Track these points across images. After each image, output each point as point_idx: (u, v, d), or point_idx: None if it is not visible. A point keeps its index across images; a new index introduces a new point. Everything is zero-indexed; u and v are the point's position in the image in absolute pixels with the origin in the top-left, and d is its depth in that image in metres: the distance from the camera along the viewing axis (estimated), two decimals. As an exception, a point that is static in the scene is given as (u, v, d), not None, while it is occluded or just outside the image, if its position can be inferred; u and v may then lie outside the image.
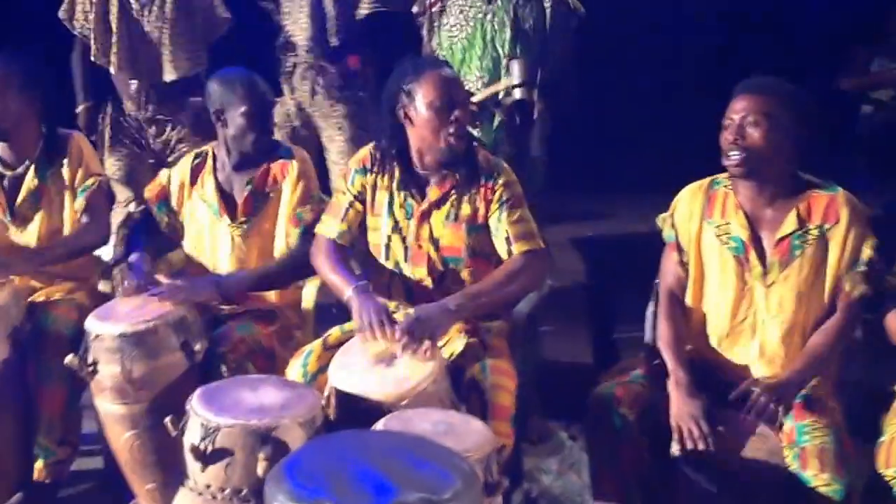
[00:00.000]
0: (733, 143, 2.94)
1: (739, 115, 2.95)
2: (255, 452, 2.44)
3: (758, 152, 2.93)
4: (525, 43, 4.07)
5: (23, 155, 3.61)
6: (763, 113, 2.93)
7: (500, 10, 4.08)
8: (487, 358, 3.01)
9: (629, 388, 2.99)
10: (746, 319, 3.05)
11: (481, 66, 4.10)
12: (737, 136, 2.93)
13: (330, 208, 3.30)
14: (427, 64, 3.22)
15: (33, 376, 3.36)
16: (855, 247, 2.98)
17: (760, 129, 2.92)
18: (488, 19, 4.10)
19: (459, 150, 3.12)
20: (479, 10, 4.11)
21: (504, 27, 4.08)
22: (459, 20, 4.13)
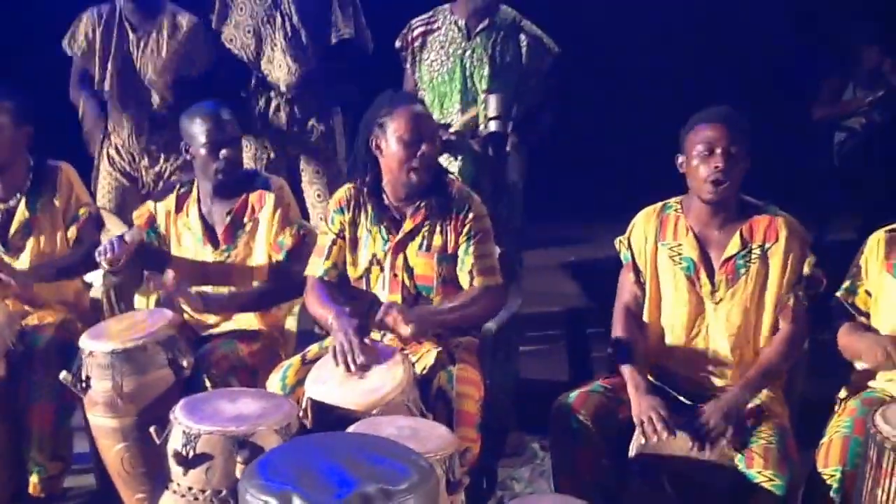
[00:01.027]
0: (714, 172, 3.08)
1: (721, 144, 3.09)
2: (234, 457, 2.62)
3: (737, 179, 3.11)
4: (502, 78, 4.21)
5: (13, 187, 3.76)
6: (738, 141, 3.10)
7: (478, 47, 4.22)
8: (455, 369, 3.17)
9: (588, 397, 3.16)
10: (700, 334, 3.22)
11: (461, 101, 4.23)
12: (718, 165, 3.07)
13: (316, 249, 3.46)
14: (401, 99, 3.37)
15: (24, 395, 3.50)
16: (795, 264, 3.15)
17: (735, 155, 3.09)
18: (467, 55, 4.23)
19: (423, 183, 3.29)
20: (459, 47, 4.24)
21: (483, 63, 4.22)
22: (440, 55, 4.27)
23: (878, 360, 3.00)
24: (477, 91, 4.22)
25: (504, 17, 4.28)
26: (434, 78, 4.27)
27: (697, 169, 3.11)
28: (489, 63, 4.21)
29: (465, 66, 4.23)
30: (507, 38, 4.26)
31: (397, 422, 2.76)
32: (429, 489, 2.25)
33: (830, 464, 2.96)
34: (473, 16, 4.23)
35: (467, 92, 4.23)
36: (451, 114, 4.24)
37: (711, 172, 3.08)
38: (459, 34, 4.25)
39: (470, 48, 4.24)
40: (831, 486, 2.93)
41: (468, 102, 4.23)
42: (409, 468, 2.25)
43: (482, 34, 4.22)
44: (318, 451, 2.38)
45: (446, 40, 4.27)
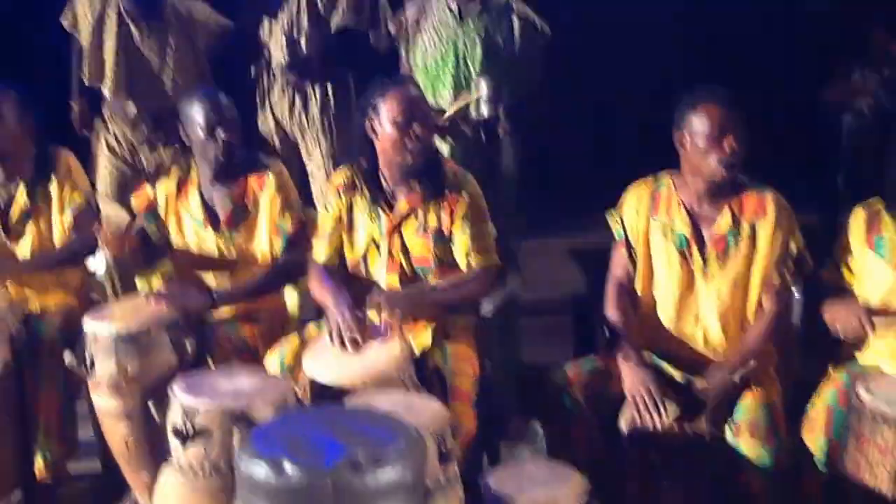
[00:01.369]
0: (726, 155, 3.14)
1: (732, 127, 3.15)
2: (231, 431, 2.72)
3: (743, 158, 3.18)
4: (494, 61, 4.26)
5: (14, 174, 3.85)
6: (740, 123, 3.16)
7: (471, 31, 4.28)
8: (450, 347, 3.27)
9: (580, 373, 3.24)
10: (691, 309, 3.29)
11: (453, 83, 4.29)
12: (730, 147, 3.13)
13: (317, 233, 3.55)
14: (393, 82, 3.45)
15: (30, 380, 3.59)
16: (782, 242, 3.22)
17: (741, 140, 3.15)
18: (460, 39, 4.29)
19: (417, 164, 3.36)
20: (452, 30, 4.30)
21: (475, 46, 4.27)
22: (433, 39, 4.33)
23: (854, 327, 3.09)
24: (470, 74, 4.28)
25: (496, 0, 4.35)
26: (427, 62, 4.34)
27: (707, 152, 3.15)
28: (482, 46, 4.27)
29: (457, 49, 4.29)
30: (500, 20, 4.32)
31: (391, 396, 2.84)
32: (417, 456, 2.32)
33: (815, 433, 3.05)
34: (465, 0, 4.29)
35: (460, 75, 4.29)
36: (444, 97, 4.30)
37: (726, 156, 3.14)
38: (452, 18, 4.31)
39: (462, 31, 4.30)
40: (817, 455, 3.04)
41: (460, 86, 4.28)
42: (397, 436, 2.32)
43: (474, 17, 4.28)
44: (309, 422, 2.46)
45: (439, 24, 4.33)
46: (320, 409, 2.75)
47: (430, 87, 4.29)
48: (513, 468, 2.73)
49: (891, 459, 2.83)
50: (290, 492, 2.19)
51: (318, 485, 2.17)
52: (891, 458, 2.83)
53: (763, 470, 2.98)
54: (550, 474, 2.64)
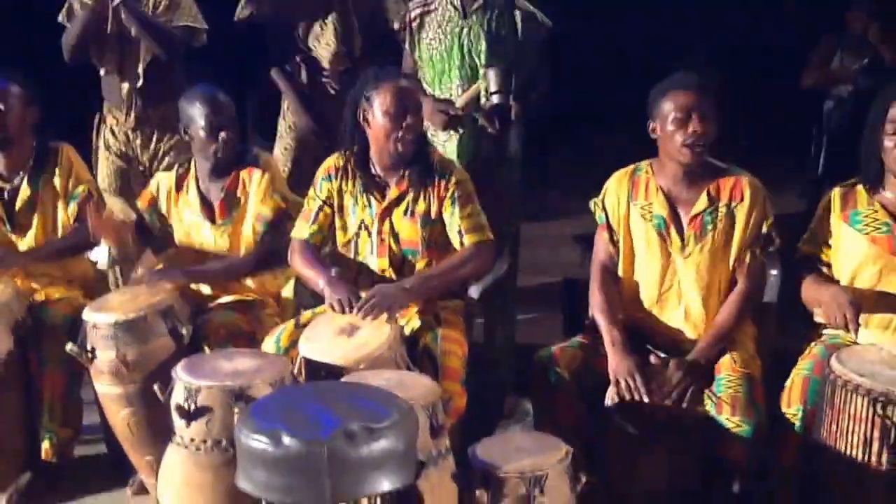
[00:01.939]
0: (691, 135, 3.26)
1: (696, 110, 3.27)
2: (232, 409, 2.84)
3: (710, 141, 3.30)
4: (499, 53, 4.32)
5: (17, 167, 3.95)
6: (710, 105, 3.29)
7: (475, 24, 4.35)
8: (440, 329, 3.39)
9: (566, 351, 3.36)
10: (672, 288, 3.41)
11: (460, 76, 4.35)
12: (697, 129, 3.26)
13: (302, 213, 3.69)
14: (386, 75, 3.58)
15: (35, 365, 3.71)
16: (757, 223, 3.35)
17: (709, 120, 3.28)
18: (465, 33, 4.36)
19: (408, 153, 3.50)
20: (456, 25, 4.37)
21: (479, 39, 4.34)
22: (438, 34, 4.40)
23: (836, 323, 3.19)
24: (476, 66, 4.35)
25: None
26: (433, 55, 4.41)
27: (673, 134, 3.28)
28: (486, 39, 4.33)
29: (462, 43, 4.36)
30: (502, 14, 4.40)
31: (384, 374, 2.96)
32: (408, 427, 2.44)
33: (793, 403, 3.14)
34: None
35: (465, 67, 4.36)
36: (451, 89, 4.37)
37: (689, 136, 3.26)
38: (456, 13, 4.40)
39: (467, 26, 4.38)
40: (794, 424, 3.12)
41: (466, 77, 4.35)
42: (390, 408, 2.44)
43: (477, 12, 4.38)
44: (305, 396, 2.60)
45: (443, 20, 4.41)
46: (316, 385, 2.87)
47: (437, 79, 4.38)
48: (500, 438, 2.84)
49: (862, 426, 2.92)
50: (288, 462, 2.31)
51: (315, 455, 2.29)
52: (862, 425, 2.92)
53: (743, 440, 3.10)
54: (535, 444, 2.76)
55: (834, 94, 6.38)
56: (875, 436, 2.89)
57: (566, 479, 2.65)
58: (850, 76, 6.36)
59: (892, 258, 3.25)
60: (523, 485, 2.59)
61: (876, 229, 3.28)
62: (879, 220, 3.28)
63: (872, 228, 3.29)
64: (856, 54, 6.36)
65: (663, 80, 3.40)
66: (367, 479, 2.34)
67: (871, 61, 6.30)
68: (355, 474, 2.32)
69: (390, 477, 2.37)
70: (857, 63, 6.32)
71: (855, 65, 6.33)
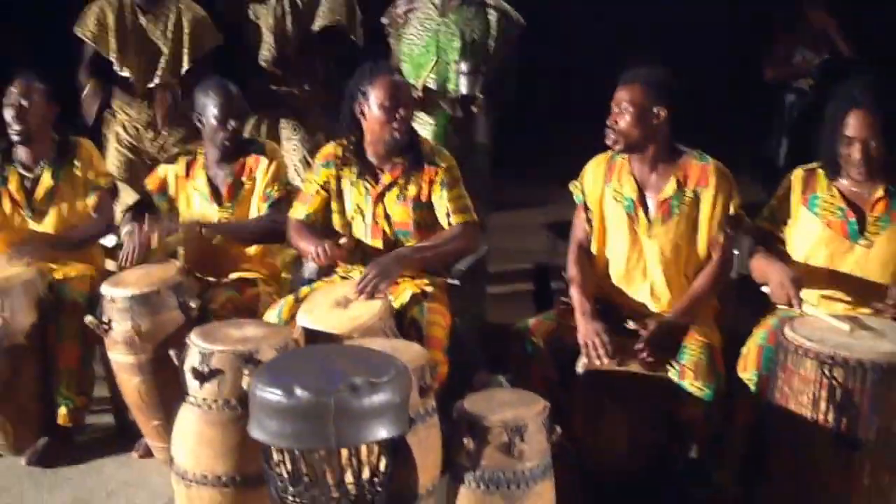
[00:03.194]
0: (609, 127, 3.58)
1: (616, 104, 3.57)
2: (241, 371, 3.10)
3: (625, 134, 3.56)
4: (471, 50, 4.67)
5: (38, 158, 4.21)
6: (630, 101, 3.54)
7: (451, 24, 4.70)
8: (426, 303, 3.66)
9: (541, 323, 3.63)
10: (638, 265, 3.67)
11: (435, 71, 4.71)
12: (613, 121, 3.57)
13: (300, 196, 3.96)
14: (380, 70, 3.85)
15: (54, 338, 3.97)
16: (723, 205, 3.58)
17: (628, 115, 3.54)
18: (441, 31, 4.71)
19: (403, 141, 3.79)
20: (434, 23, 4.73)
21: (454, 38, 4.69)
22: (418, 30, 4.76)
23: (781, 300, 3.43)
24: (449, 62, 4.70)
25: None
26: (412, 50, 4.77)
27: None
28: (459, 37, 4.68)
29: (438, 40, 4.71)
30: (477, 14, 4.74)
31: (378, 342, 3.22)
32: (403, 383, 2.74)
33: (748, 368, 3.39)
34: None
35: (440, 62, 4.71)
36: (427, 81, 4.72)
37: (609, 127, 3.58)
38: (435, 12, 4.73)
39: (444, 24, 4.72)
40: (750, 388, 3.37)
41: (441, 73, 4.71)
42: (388, 367, 2.74)
43: (454, 11, 4.70)
44: (313, 356, 2.91)
45: (424, 18, 4.77)
46: (322, 347, 3.16)
47: (414, 72, 4.73)
48: (484, 394, 3.09)
49: (811, 387, 3.14)
50: (299, 411, 2.60)
51: (323, 404, 2.58)
52: (811, 386, 3.12)
53: (704, 403, 3.37)
54: (516, 398, 3.02)
55: (795, 88, 6.56)
56: (822, 395, 3.10)
57: (543, 430, 2.91)
58: (810, 70, 6.56)
59: (843, 241, 3.47)
60: (505, 433, 2.85)
61: (832, 213, 3.50)
62: (835, 205, 3.50)
63: (829, 213, 3.51)
64: (815, 49, 6.57)
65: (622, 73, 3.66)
66: (367, 427, 2.63)
67: (830, 56, 6.53)
68: (357, 423, 2.61)
69: (388, 426, 2.67)
70: (816, 58, 6.53)
71: (815, 59, 6.54)
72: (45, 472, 3.96)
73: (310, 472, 2.70)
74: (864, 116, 3.37)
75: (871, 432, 3.10)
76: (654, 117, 3.55)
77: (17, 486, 3.86)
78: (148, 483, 3.84)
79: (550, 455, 2.95)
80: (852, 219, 3.49)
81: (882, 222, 3.46)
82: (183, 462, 3.20)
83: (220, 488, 3.15)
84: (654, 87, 3.56)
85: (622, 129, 3.56)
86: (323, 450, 2.66)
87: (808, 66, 6.59)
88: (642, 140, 3.58)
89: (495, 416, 2.88)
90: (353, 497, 2.73)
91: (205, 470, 3.16)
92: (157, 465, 3.89)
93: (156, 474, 3.82)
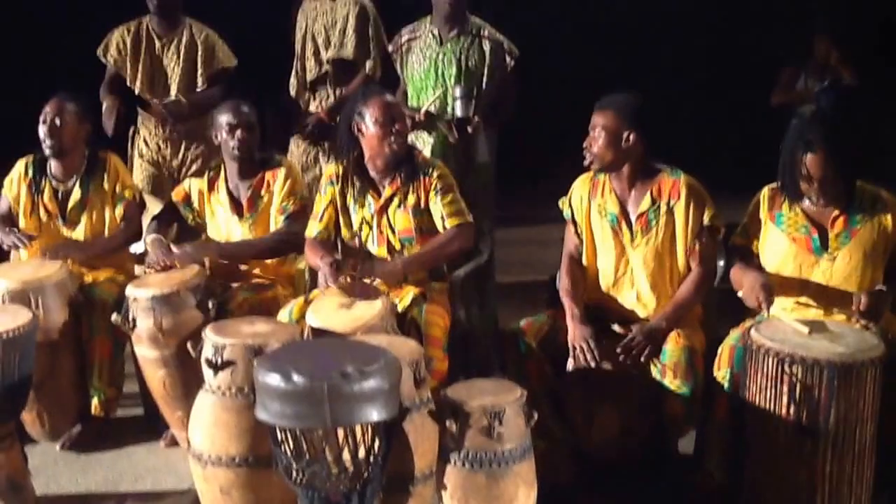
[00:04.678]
0: (585, 149, 3.85)
1: (591, 128, 3.84)
2: (251, 362, 3.36)
3: (600, 156, 3.82)
4: (467, 76, 5.04)
5: (70, 172, 4.57)
6: (602, 126, 3.79)
7: (448, 52, 5.06)
8: (426, 305, 3.94)
9: (533, 323, 3.88)
10: (625, 274, 3.92)
11: (434, 93, 5.06)
12: (588, 144, 3.84)
13: (312, 214, 4.27)
14: (372, 92, 4.20)
15: (86, 334, 4.30)
16: (696, 217, 3.79)
17: (601, 139, 3.80)
18: (440, 58, 5.08)
19: (400, 154, 4.10)
20: (434, 51, 5.10)
21: (451, 65, 5.06)
22: (420, 57, 5.13)
23: (752, 304, 3.62)
24: (447, 87, 5.05)
25: (471, 26, 5.12)
26: (414, 75, 5.14)
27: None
28: (456, 65, 5.05)
29: (437, 66, 5.08)
30: (473, 43, 5.09)
31: (377, 338, 3.49)
32: (392, 372, 3.03)
33: (722, 367, 3.61)
34: (444, 26, 5.08)
35: (438, 87, 5.06)
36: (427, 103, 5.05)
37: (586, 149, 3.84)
38: (434, 41, 5.09)
39: (442, 52, 5.08)
40: (724, 385, 3.59)
41: (442, 97, 5.05)
42: (378, 357, 3.03)
43: (452, 41, 5.06)
44: (310, 348, 3.25)
45: (425, 45, 5.14)
46: (319, 340, 3.49)
47: (416, 96, 5.10)
48: (466, 383, 3.35)
49: (774, 383, 3.34)
50: (297, 395, 2.90)
51: (318, 389, 2.88)
52: (774, 382, 3.34)
53: (682, 399, 3.60)
54: (496, 387, 3.28)
55: (799, 113, 6.69)
56: (783, 390, 3.33)
57: (521, 414, 3.17)
58: (812, 96, 6.84)
59: (808, 256, 3.68)
60: (485, 417, 3.12)
61: (796, 230, 3.71)
62: (799, 223, 3.71)
63: (793, 229, 3.72)
64: (819, 77, 6.86)
65: None
66: (359, 409, 2.92)
67: (832, 83, 6.80)
68: (349, 405, 2.91)
69: (378, 409, 2.96)
70: (819, 85, 6.81)
71: (817, 86, 6.81)
72: (79, 457, 4.27)
73: (311, 450, 3.01)
74: (822, 158, 3.57)
75: (829, 423, 3.33)
76: (625, 140, 3.79)
77: (52, 469, 4.18)
78: (173, 469, 4.15)
79: (529, 438, 3.22)
80: (815, 235, 3.70)
81: (843, 238, 3.67)
82: (199, 444, 3.50)
83: (234, 468, 3.45)
84: (625, 113, 3.80)
85: (596, 151, 3.83)
86: (320, 429, 2.98)
87: (810, 93, 6.88)
88: (616, 161, 3.82)
89: (475, 401, 3.15)
90: (351, 473, 3.04)
91: (219, 451, 3.46)
92: (182, 453, 4.16)
93: (181, 461, 4.06)
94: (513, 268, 6.07)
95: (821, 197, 3.66)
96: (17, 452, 3.74)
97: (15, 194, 4.59)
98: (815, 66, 6.94)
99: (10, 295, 4.09)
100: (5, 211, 4.61)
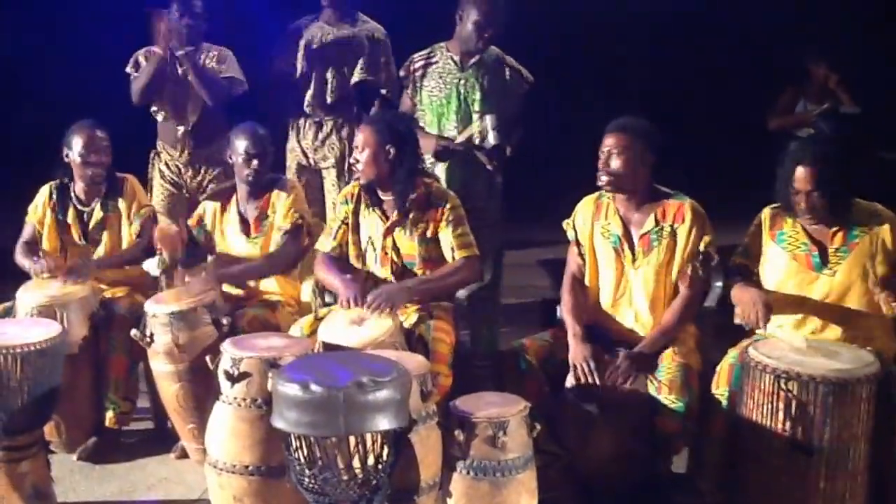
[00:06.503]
0: (602, 170, 3.94)
1: (607, 149, 3.94)
2: (266, 374, 3.49)
3: (618, 176, 3.92)
4: (490, 102, 5.09)
5: (93, 195, 4.76)
6: (622, 146, 3.90)
7: (471, 77, 5.10)
8: (432, 322, 4.06)
9: (534, 342, 3.98)
10: (625, 294, 4.02)
11: (456, 119, 5.10)
12: (605, 165, 3.93)
13: (326, 230, 4.41)
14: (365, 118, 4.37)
15: (104, 349, 4.45)
16: (695, 241, 3.88)
17: (620, 159, 3.90)
18: (461, 83, 5.11)
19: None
20: (455, 76, 5.13)
21: (475, 90, 5.10)
22: (438, 83, 5.16)
23: (749, 320, 3.71)
24: (470, 111, 5.11)
25: (490, 53, 5.18)
26: (433, 101, 5.16)
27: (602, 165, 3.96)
28: (480, 89, 5.11)
29: (459, 91, 5.12)
30: (494, 69, 5.16)
31: (386, 353, 3.60)
32: (403, 383, 3.18)
33: (720, 385, 3.70)
34: (465, 53, 5.15)
35: (461, 112, 5.12)
36: (449, 130, 5.12)
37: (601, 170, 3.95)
38: (455, 66, 5.14)
39: (464, 78, 5.12)
40: (721, 402, 3.67)
41: (461, 120, 5.11)
42: (390, 369, 3.18)
43: (473, 67, 5.12)
44: (326, 360, 3.37)
45: (444, 71, 5.17)
46: (334, 353, 3.63)
47: (437, 121, 5.13)
48: (474, 396, 3.49)
49: (770, 399, 3.45)
50: (313, 404, 3.05)
51: (334, 398, 3.03)
52: (770, 398, 3.45)
53: (677, 415, 3.65)
54: (501, 399, 3.44)
55: (797, 138, 6.53)
56: (780, 406, 3.42)
57: (524, 426, 3.32)
58: (811, 120, 6.91)
59: (809, 272, 3.77)
60: (490, 428, 3.26)
61: (797, 247, 3.80)
62: (799, 240, 3.80)
63: (794, 247, 3.81)
64: (817, 101, 6.94)
65: None
66: (372, 418, 3.07)
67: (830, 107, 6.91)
68: (364, 414, 3.05)
69: (389, 419, 3.11)
70: (818, 109, 6.89)
71: (816, 111, 6.90)
72: (94, 467, 4.40)
73: (323, 458, 3.14)
74: (808, 171, 3.69)
75: (823, 440, 3.42)
76: (640, 161, 3.91)
77: (69, 478, 4.31)
78: (184, 479, 4.27)
79: (532, 449, 3.35)
80: (815, 252, 3.78)
81: (842, 253, 3.75)
82: (215, 453, 3.62)
83: (247, 476, 3.57)
84: (640, 135, 3.92)
85: (615, 170, 3.92)
86: (334, 437, 3.11)
87: (809, 116, 6.92)
88: (630, 180, 3.93)
89: (481, 412, 3.29)
90: (360, 480, 3.16)
91: (234, 460, 3.58)
92: (192, 464, 4.32)
93: (191, 472, 4.24)
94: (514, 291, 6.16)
95: (807, 212, 3.75)
96: (42, 461, 3.89)
97: (40, 217, 4.78)
98: (813, 89, 7.01)
99: (39, 310, 4.27)
100: (30, 237, 4.78)
